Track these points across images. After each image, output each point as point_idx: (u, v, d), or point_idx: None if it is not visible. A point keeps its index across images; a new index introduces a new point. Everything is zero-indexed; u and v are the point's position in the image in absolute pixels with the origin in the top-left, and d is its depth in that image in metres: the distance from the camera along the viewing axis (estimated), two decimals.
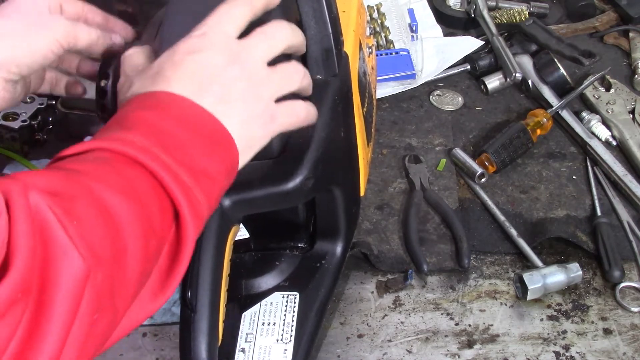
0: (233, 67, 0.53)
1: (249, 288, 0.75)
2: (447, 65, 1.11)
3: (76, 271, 0.40)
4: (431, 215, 0.89)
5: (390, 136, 1.01)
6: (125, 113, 0.50)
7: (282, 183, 0.61)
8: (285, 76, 0.56)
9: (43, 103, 0.97)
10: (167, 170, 0.46)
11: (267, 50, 0.55)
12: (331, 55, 0.66)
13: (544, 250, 0.86)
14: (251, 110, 0.53)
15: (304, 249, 0.78)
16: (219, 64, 0.52)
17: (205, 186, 0.49)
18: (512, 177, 0.95)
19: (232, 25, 0.54)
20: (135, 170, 0.46)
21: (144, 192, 0.46)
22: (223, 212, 0.61)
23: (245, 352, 0.70)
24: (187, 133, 0.49)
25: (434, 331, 0.78)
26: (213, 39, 0.53)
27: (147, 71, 0.53)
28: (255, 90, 0.54)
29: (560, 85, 1.05)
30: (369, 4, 1.18)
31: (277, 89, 0.55)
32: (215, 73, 0.52)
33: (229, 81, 0.52)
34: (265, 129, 0.55)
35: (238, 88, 0.53)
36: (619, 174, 0.93)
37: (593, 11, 1.23)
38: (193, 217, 0.47)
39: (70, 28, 0.61)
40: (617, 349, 0.76)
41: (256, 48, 0.54)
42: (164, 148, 0.47)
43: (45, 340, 0.39)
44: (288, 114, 0.57)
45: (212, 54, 0.52)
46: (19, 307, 0.38)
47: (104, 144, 0.47)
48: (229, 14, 0.54)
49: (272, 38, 0.55)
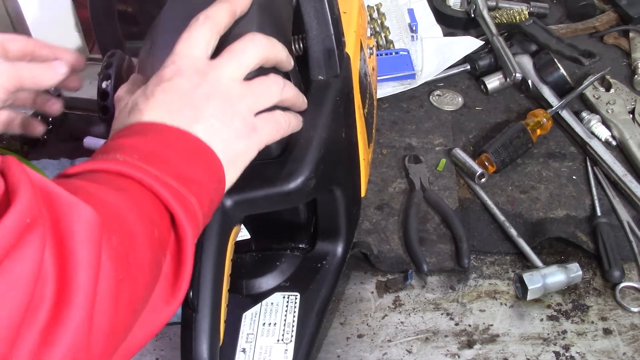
0: (202, 87, 0.54)
1: (249, 288, 0.75)
2: (447, 65, 1.11)
3: (89, 217, 0.41)
4: (431, 215, 0.89)
5: (390, 136, 1.01)
6: (106, 144, 0.52)
7: (283, 183, 0.61)
8: (262, 89, 0.57)
9: None
10: (154, 178, 0.48)
11: (237, 69, 0.55)
12: (333, 55, 0.67)
13: (544, 250, 0.86)
14: (228, 126, 0.54)
15: (305, 249, 0.78)
16: (187, 87, 0.53)
17: (194, 190, 0.50)
18: (512, 177, 0.95)
19: (199, 49, 0.55)
20: (125, 181, 0.48)
21: (136, 194, 0.47)
22: (224, 213, 0.61)
23: (246, 352, 0.71)
24: (166, 149, 0.51)
25: (434, 331, 0.78)
26: (181, 65, 0.54)
27: (125, 109, 0.55)
28: (230, 106, 0.54)
29: (560, 85, 1.05)
30: (369, 4, 1.18)
31: (254, 103, 0.56)
32: (184, 96, 0.53)
33: (199, 101, 0.53)
34: (247, 141, 0.55)
35: (211, 106, 0.53)
36: (619, 174, 0.93)
37: (593, 11, 1.23)
38: (187, 217, 0.48)
39: (13, 71, 0.62)
40: (617, 349, 0.76)
41: (226, 66, 0.55)
42: (147, 162, 0.49)
43: (76, 272, 0.39)
44: (270, 125, 0.57)
45: (179, 80, 0.54)
46: (37, 233, 0.38)
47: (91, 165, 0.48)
48: (192, 38, 0.55)
49: (243, 54, 0.56)
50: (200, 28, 0.56)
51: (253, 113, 0.56)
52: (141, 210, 0.46)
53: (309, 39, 0.65)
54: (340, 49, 0.67)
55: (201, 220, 0.51)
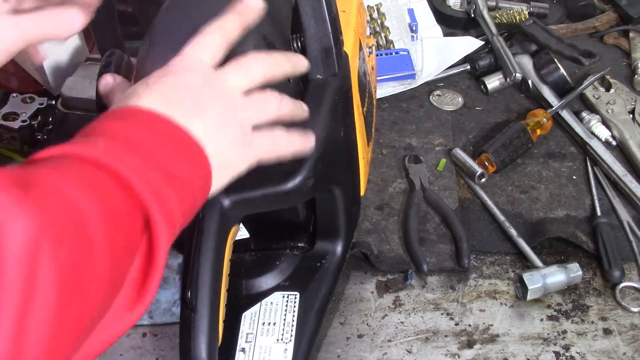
0: (208, 89, 0.53)
1: (249, 288, 0.75)
2: (447, 65, 1.11)
3: (25, 230, 0.36)
4: (431, 215, 0.89)
5: (390, 136, 1.01)
6: (92, 125, 0.49)
7: (281, 183, 0.61)
8: (261, 104, 0.55)
9: (43, 103, 0.97)
10: (133, 171, 0.45)
11: (243, 80, 0.55)
12: (331, 54, 0.66)
13: (544, 250, 0.86)
14: (226, 132, 0.52)
15: (304, 248, 0.78)
16: (193, 84, 0.52)
17: (176, 187, 0.47)
18: (512, 177, 0.95)
19: (208, 54, 0.54)
20: (98, 174, 0.44)
21: (107, 190, 0.44)
22: (223, 212, 0.61)
23: (246, 352, 0.70)
24: (153, 139, 0.48)
25: (434, 331, 0.78)
26: (188, 64, 0.53)
27: (122, 96, 0.53)
28: (232, 113, 0.53)
29: (560, 85, 1.05)
30: (369, 4, 1.18)
31: (253, 116, 0.55)
32: (189, 92, 0.52)
33: (203, 99, 0.52)
34: (241, 152, 0.54)
35: (213, 107, 0.52)
36: (619, 174, 0.93)
37: (593, 11, 1.23)
38: (164, 216, 0.45)
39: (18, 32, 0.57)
40: (617, 349, 0.76)
41: (232, 76, 0.54)
42: (130, 150, 0.46)
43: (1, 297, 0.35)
44: (267, 142, 0.56)
45: (186, 75, 0.52)
46: None
47: (67, 149, 0.45)
48: (204, 42, 0.54)
49: (249, 69, 0.55)
50: (212, 34, 0.54)
51: (251, 125, 0.55)
52: (108, 213, 0.42)
53: (306, 38, 0.65)
54: (338, 47, 0.67)
55: (180, 221, 0.48)
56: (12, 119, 0.95)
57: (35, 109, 0.97)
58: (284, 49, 0.66)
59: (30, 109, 0.96)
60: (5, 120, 0.95)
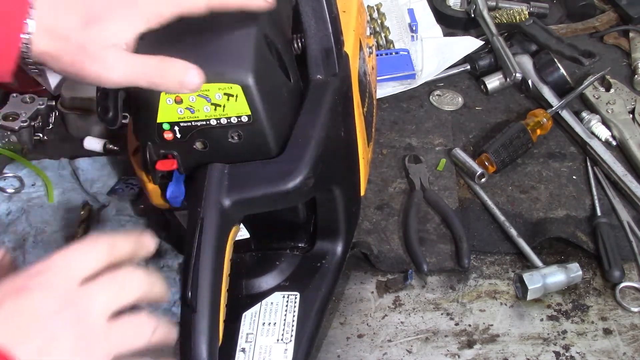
0: (63, 313, 0.46)
1: (249, 288, 0.75)
2: (447, 65, 1.11)
3: None
4: (431, 215, 0.89)
5: (390, 136, 1.01)
6: None
7: (282, 183, 0.61)
8: (129, 332, 0.49)
9: (43, 103, 0.97)
10: None
11: (110, 300, 0.48)
12: (331, 54, 0.66)
13: (544, 250, 0.86)
14: None
15: (305, 248, 0.78)
16: (47, 308, 0.46)
17: None
18: (512, 177, 0.95)
19: (80, 268, 0.48)
20: None
21: None
22: (223, 212, 0.61)
23: (246, 352, 0.70)
24: None
25: (434, 331, 0.78)
26: (47, 280, 0.47)
27: None
28: (86, 346, 0.46)
29: (560, 85, 1.05)
30: (369, 4, 1.18)
31: (115, 346, 0.48)
32: (41, 319, 0.45)
33: (56, 331, 0.45)
34: None
35: (65, 342, 0.46)
36: (619, 174, 0.93)
37: (593, 11, 1.23)
38: None
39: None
40: (617, 349, 0.76)
41: (99, 296, 0.48)
42: None
43: None
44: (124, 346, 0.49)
45: (39, 296, 0.46)
46: None
47: None
48: (81, 254, 0.49)
49: (122, 287, 0.49)
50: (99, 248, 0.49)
51: (111, 357, 0.48)
52: None
53: (307, 38, 0.65)
54: (338, 48, 0.67)
55: None
56: (12, 119, 0.95)
57: (35, 109, 0.96)
58: (285, 49, 0.66)
59: (30, 109, 0.96)
60: (5, 121, 0.95)
